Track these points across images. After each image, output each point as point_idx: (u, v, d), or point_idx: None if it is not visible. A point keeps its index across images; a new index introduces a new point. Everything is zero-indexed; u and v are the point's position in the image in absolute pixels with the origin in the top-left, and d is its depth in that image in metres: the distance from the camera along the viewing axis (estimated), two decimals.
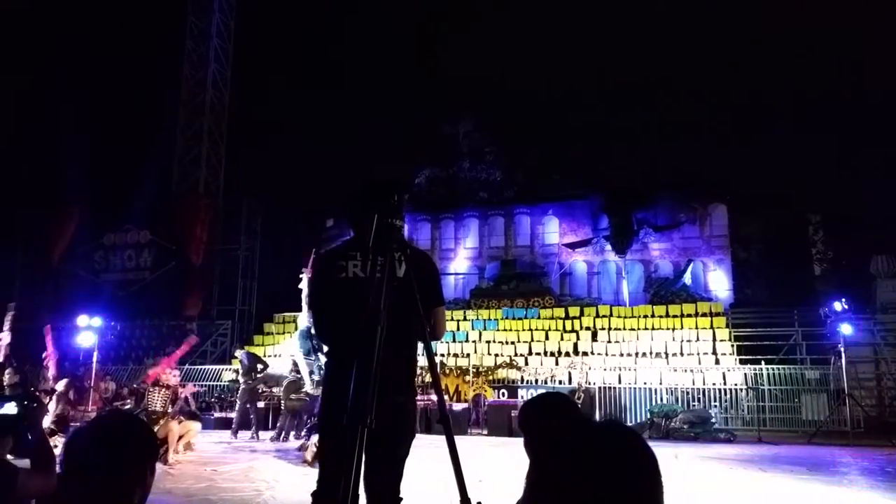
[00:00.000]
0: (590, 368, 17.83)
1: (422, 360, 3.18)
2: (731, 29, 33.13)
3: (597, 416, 16.35)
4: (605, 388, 16.97)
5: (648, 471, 1.12)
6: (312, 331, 16.76)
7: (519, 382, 18.05)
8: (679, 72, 30.71)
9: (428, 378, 15.20)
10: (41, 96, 29.81)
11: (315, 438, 8.27)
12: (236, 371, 16.69)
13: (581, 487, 1.07)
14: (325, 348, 3.46)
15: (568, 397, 2.97)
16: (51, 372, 12.03)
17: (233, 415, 14.89)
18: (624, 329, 20.98)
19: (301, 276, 15.36)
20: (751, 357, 17.95)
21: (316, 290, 3.33)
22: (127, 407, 14.21)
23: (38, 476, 2.75)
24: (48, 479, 2.72)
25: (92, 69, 30.30)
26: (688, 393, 16.51)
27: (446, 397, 12.51)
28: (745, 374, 16.91)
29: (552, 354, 19.99)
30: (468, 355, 20.19)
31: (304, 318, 14.99)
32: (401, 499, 3.04)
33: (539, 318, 22.34)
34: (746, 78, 31.68)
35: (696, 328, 20.23)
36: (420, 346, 3.06)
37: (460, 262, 29.75)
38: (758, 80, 31.64)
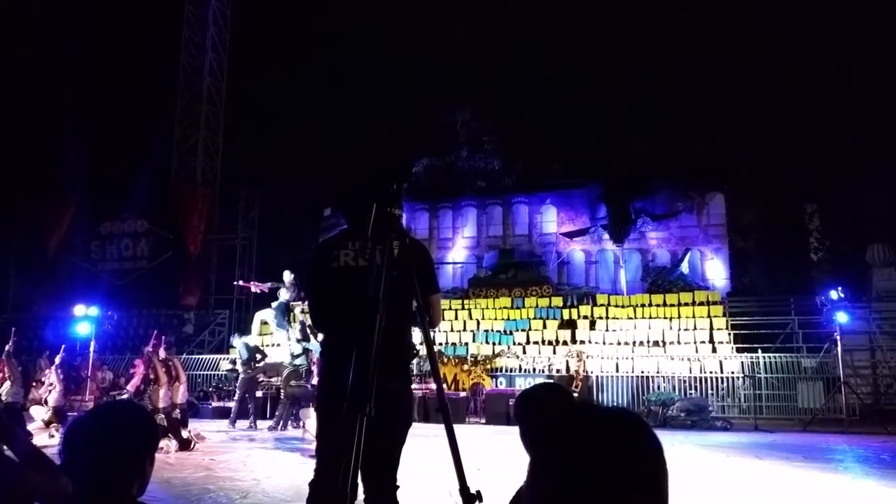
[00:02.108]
0: (587, 357, 17.87)
1: (420, 349, 3.21)
2: (730, 19, 33.03)
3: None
4: (602, 376, 17.02)
5: (654, 460, 1.10)
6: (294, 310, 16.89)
7: (517, 371, 18.10)
8: (677, 61, 30.63)
9: (426, 366, 15.28)
10: (37, 86, 29.68)
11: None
12: (233, 361, 16.72)
13: (583, 476, 1.06)
14: (321, 336, 3.49)
15: (563, 387, 2.98)
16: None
17: (230, 404, 14.92)
18: (621, 318, 21.02)
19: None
20: (748, 345, 18.01)
21: (309, 279, 3.36)
22: (124, 396, 14.21)
23: (42, 473, 2.75)
24: (55, 481, 2.71)
25: (89, 58, 30.15)
26: (685, 381, 16.57)
27: (444, 386, 12.55)
28: (742, 363, 16.97)
29: (550, 343, 20.02)
30: (466, 344, 20.23)
31: (283, 294, 15.02)
32: (398, 486, 3.06)
33: (537, 306, 22.37)
34: (744, 67, 31.61)
35: (694, 317, 20.26)
36: (417, 335, 3.08)
37: (458, 251, 29.74)
38: (755, 70, 31.58)
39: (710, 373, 16.81)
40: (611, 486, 1.05)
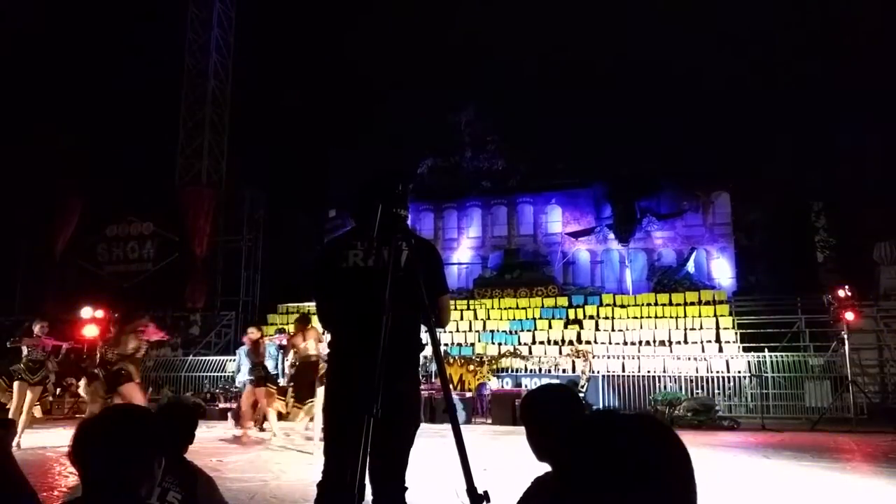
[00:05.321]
0: (593, 357, 17.84)
1: (426, 349, 3.21)
2: (736, 16, 32.95)
3: (600, 405, 16.41)
4: (608, 376, 16.99)
5: (682, 463, 1.09)
6: None
7: (523, 371, 18.08)
8: (681, 59, 30.56)
9: (433, 367, 15.27)
10: (41, 88, 29.77)
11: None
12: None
13: (612, 480, 1.06)
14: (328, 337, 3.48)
15: (569, 388, 2.98)
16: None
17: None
18: (627, 318, 20.99)
19: None
20: (754, 344, 17.95)
21: (318, 279, 3.34)
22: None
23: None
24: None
25: (93, 59, 30.24)
26: (691, 381, 16.52)
27: (451, 386, 12.54)
28: (749, 362, 16.91)
29: (556, 343, 20.01)
30: (472, 344, 20.23)
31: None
32: (406, 487, 3.05)
33: (542, 306, 22.37)
34: (749, 64, 31.50)
35: (700, 316, 20.23)
36: (424, 335, 3.08)
37: (463, 251, 29.75)
38: (760, 67, 31.47)
39: (717, 372, 16.77)
40: (638, 490, 1.05)
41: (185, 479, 3.02)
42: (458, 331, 21.48)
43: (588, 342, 19.57)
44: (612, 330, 20.35)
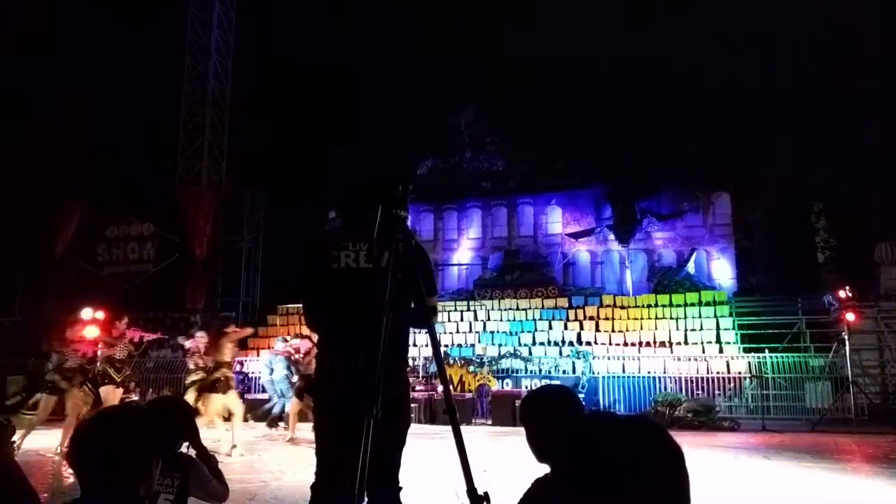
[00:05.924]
0: (594, 358, 17.83)
1: (426, 351, 3.22)
2: (736, 17, 32.93)
3: (601, 406, 16.41)
4: (608, 377, 16.99)
5: (676, 464, 1.10)
6: None
7: (523, 372, 18.07)
8: (682, 60, 30.55)
9: (433, 368, 15.24)
10: (41, 90, 29.78)
11: None
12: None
13: (609, 481, 1.06)
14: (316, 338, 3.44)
15: (569, 389, 2.97)
16: None
17: None
18: (627, 318, 20.98)
19: None
20: (755, 345, 17.94)
21: (305, 279, 3.26)
22: (133, 399, 14.24)
23: None
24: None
25: (94, 60, 30.24)
26: (692, 382, 16.52)
27: (451, 387, 12.51)
28: (749, 363, 16.90)
29: (556, 344, 20.00)
30: (472, 345, 20.22)
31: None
32: (400, 487, 3.05)
33: (543, 307, 22.35)
34: (749, 65, 31.51)
35: (700, 317, 20.21)
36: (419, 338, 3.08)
37: (463, 252, 29.73)
38: (760, 67, 31.47)
39: (717, 373, 16.76)
40: (635, 490, 1.05)
41: (176, 478, 3.02)
42: (458, 332, 21.48)
43: (588, 343, 19.56)
44: (613, 331, 20.33)
